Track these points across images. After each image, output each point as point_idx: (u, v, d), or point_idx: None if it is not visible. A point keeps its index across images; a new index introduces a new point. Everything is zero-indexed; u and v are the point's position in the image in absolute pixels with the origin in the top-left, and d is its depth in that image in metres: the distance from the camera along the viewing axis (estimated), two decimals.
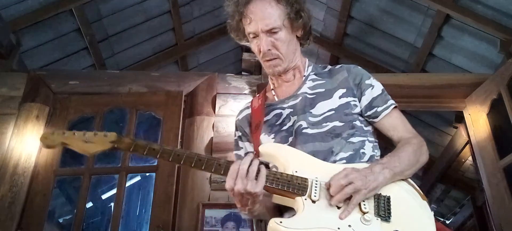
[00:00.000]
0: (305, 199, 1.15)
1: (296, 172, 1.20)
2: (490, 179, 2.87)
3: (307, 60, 1.52)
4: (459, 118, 3.94)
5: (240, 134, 1.52)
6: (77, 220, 2.69)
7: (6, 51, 3.21)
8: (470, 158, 4.58)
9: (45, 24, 3.63)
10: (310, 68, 1.49)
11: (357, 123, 1.35)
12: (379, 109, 1.37)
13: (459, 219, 5.92)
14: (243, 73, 3.58)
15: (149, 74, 3.28)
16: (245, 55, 3.66)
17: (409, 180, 1.26)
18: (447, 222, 6.45)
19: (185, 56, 5.07)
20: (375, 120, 1.38)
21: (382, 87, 1.42)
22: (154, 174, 2.80)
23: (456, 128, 4.32)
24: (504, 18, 3.24)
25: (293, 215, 1.16)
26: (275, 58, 1.40)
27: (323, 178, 1.19)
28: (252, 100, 1.55)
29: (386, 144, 1.46)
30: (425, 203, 1.20)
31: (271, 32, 1.37)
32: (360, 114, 1.38)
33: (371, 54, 4.48)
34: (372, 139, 1.36)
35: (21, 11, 3.41)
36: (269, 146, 1.33)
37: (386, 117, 1.37)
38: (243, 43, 1.50)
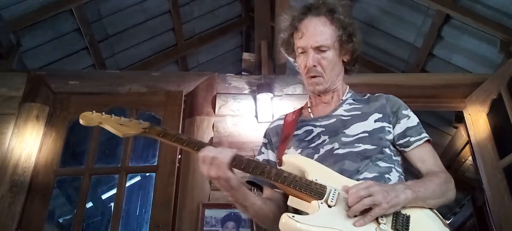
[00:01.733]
0: (321, 203, 1.14)
1: (316, 180, 1.20)
2: (490, 179, 2.87)
3: (348, 87, 1.52)
4: (459, 118, 3.95)
5: (266, 141, 1.52)
6: (77, 220, 2.69)
7: (6, 51, 3.22)
8: (470, 158, 4.58)
9: (45, 24, 3.63)
10: (349, 94, 1.49)
11: (387, 150, 1.33)
12: (412, 139, 1.36)
13: (459, 219, 5.92)
14: (243, 73, 3.58)
15: (149, 74, 3.28)
16: (245, 55, 3.66)
17: (434, 210, 1.21)
18: (447, 222, 6.44)
19: (185, 56, 5.07)
20: (406, 149, 1.36)
21: (418, 120, 1.42)
22: (154, 174, 2.80)
23: (456, 128, 4.32)
24: (504, 18, 3.24)
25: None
26: (318, 76, 1.40)
27: (343, 189, 1.17)
28: (287, 114, 1.55)
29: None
30: (447, 229, 1.17)
31: (319, 49, 1.38)
32: (392, 142, 1.37)
33: (371, 54, 4.48)
34: (399, 169, 1.34)
35: (21, 11, 3.41)
36: (292, 156, 1.33)
37: (417, 147, 1.36)
38: (291, 58, 1.52)
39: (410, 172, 1.40)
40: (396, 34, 4.10)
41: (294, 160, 1.30)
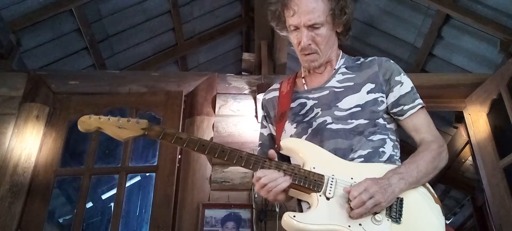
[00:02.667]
0: (320, 196, 1.19)
1: (313, 168, 1.24)
2: (490, 179, 2.87)
3: (341, 52, 1.50)
4: (459, 118, 3.94)
5: (265, 114, 1.54)
6: (77, 220, 2.69)
7: (6, 51, 3.21)
8: (470, 158, 4.58)
9: (45, 24, 3.63)
10: (342, 60, 1.48)
11: (381, 120, 1.34)
12: (406, 107, 1.36)
13: (459, 219, 5.92)
14: (243, 73, 3.58)
15: (149, 74, 3.28)
16: (245, 55, 3.66)
17: (426, 184, 1.26)
18: (447, 222, 6.44)
19: (185, 56, 5.07)
20: (400, 118, 1.37)
21: (411, 85, 1.41)
22: (154, 174, 2.80)
23: (456, 128, 4.32)
24: (504, 18, 3.24)
25: (307, 209, 1.23)
26: (313, 53, 1.40)
27: (340, 175, 1.22)
28: (281, 82, 1.55)
29: (406, 144, 1.46)
30: (438, 207, 1.20)
31: (313, 27, 1.36)
32: (386, 111, 1.38)
33: (371, 54, 4.45)
34: (393, 137, 1.36)
35: (21, 11, 3.41)
36: (289, 141, 1.36)
37: (411, 116, 1.36)
38: (282, 33, 1.50)
39: (406, 136, 1.42)
40: (396, 34, 4.10)
41: (291, 145, 1.33)
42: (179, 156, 2.87)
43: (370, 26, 4.21)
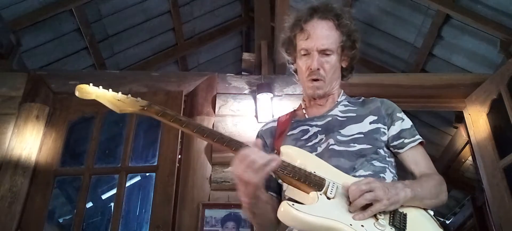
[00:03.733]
0: (320, 194, 1.13)
1: (314, 172, 1.19)
2: (490, 179, 2.87)
3: (342, 91, 1.52)
4: (459, 118, 3.95)
5: (263, 143, 1.48)
6: (77, 220, 2.69)
7: (6, 51, 3.21)
8: (470, 158, 4.58)
9: (45, 24, 3.63)
10: (344, 97, 1.49)
11: (382, 151, 1.34)
12: (406, 141, 1.37)
13: (459, 219, 5.92)
14: (243, 73, 3.58)
15: (149, 74, 3.28)
16: (245, 55, 3.65)
17: (428, 210, 1.23)
18: (447, 222, 6.44)
19: (185, 56, 5.07)
20: (400, 151, 1.37)
21: (412, 124, 1.42)
22: (154, 174, 2.80)
23: (456, 128, 4.33)
24: (504, 18, 3.24)
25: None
26: (320, 80, 1.39)
27: (341, 183, 1.18)
28: (279, 117, 1.54)
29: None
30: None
31: (324, 53, 1.38)
32: (386, 144, 1.38)
33: (371, 54, 4.48)
34: (393, 171, 1.35)
35: (21, 11, 3.41)
36: (290, 147, 1.31)
37: (411, 149, 1.36)
38: (289, 58, 1.50)
39: (403, 176, 1.40)
40: (396, 34, 4.10)
41: (291, 152, 1.28)
42: (179, 156, 2.87)
43: (370, 26, 4.21)
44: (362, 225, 1.08)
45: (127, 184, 3.15)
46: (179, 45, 4.80)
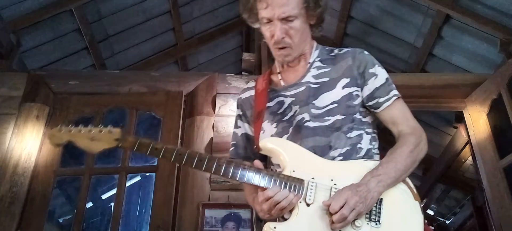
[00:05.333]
0: (300, 202, 1.18)
1: (293, 171, 1.22)
2: (490, 179, 2.87)
3: (315, 43, 1.49)
4: (459, 118, 3.94)
5: (241, 113, 1.53)
6: (77, 220, 2.69)
7: (6, 51, 3.22)
8: (470, 158, 4.58)
9: (45, 24, 3.63)
10: (317, 52, 1.46)
11: (357, 115, 1.34)
12: (381, 100, 1.35)
13: (459, 219, 5.92)
14: (243, 73, 3.59)
15: (149, 74, 3.28)
16: (245, 55, 3.66)
17: (406, 179, 1.26)
18: (447, 222, 6.45)
19: (185, 56, 5.08)
20: (376, 111, 1.37)
21: (386, 76, 1.39)
22: (154, 174, 2.80)
23: (456, 128, 4.32)
24: (504, 18, 3.24)
25: (288, 219, 1.20)
26: (287, 47, 1.37)
27: (320, 178, 1.21)
28: (257, 80, 1.53)
29: (385, 135, 1.46)
30: (417, 204, 1.21)
31: (286, 20, 1.34)
32: (362, 104, 1.37)
33: (371, 54, 4.48)
34: (369, 130, 1.36)
35: (21, 11, 3.41)
36: (269, 141, 1.33)
37: (387, 108, 1.35)
38: (254, 26, 1.47)
39: (384, 128, 1.42)
40: (396, 34, 4.10)
41: (270, 146, 1.29)
42: None
43: (370, 26, 4.21)
44: None
45: (127, 184, 3.16)
46: (179, 45, 4.80)
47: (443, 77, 3.29)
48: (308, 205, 1.17)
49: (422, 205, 1.23)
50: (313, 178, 1.20)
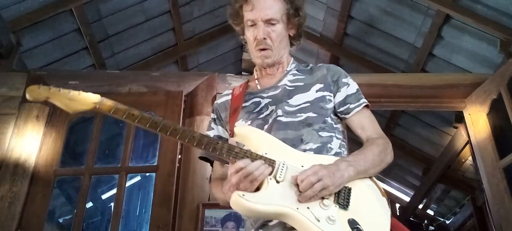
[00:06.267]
0: (270, 179, 1.19)
1: (266, 153, 1.24)
2: (490, 179, 2.87)
3: (292, 59, 1.58)
4: (459, 118, 3.94)
5: (215, 116, 1.56)
6: (77, 220, 2.69)
7: (6, 51, 3.22)
8: (470, 158, 4.58)
9: (45, 24, 3.63)
10: (293, 65, 1.56)
11: (328, 119, 1.39)
12: (351, 106, 1.43)
13: (459, 219, 5.92)
14: (243, 73, 3.59)
15: (149, 74, 3.28)
16: (245, 55, 3.67)
17: (373, 177, 1.30)
18: (447, 222, 6.45)
19: (185, 56, 5.07)
20: (346, 116, 1.43)
21: (357, 87, 1.48)
22: (154, 174, 2.80)
23: (456, 128, 4.32)
24: (504, 18, 3.24)
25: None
26: (267, 49, 1.45)
27: (291, 162, 1.24)
28: (233, 88, 1.59)
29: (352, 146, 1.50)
30: (384, 200, 1.25)
31: (269, 22, 1.44)
32: (333, 111, 1.43)
33: (371, 54, 4.48)
34: (340, 136, 1.41)
35: (21, 11, 3.41)
36: (243, 127, 1.37)
37: (356, 114, 1.43)
38: (238, 29, 1.58)
39: (352, 138, 1.48)
40: (396, 34, 4.10)
41: (244, 131, 1.34)
42: (179, 156, 2.87)
43: (370, 26, 4.21)
44: (307, 207, 1.14)
45: (127, 184, 3.16)
46: (179, 45, 4.80)
47: (443, 77, 3.29)
48: (278, 182, 1.18)
49: (388, 202, 1.26)
50: (284, 162, 1.22)
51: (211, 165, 1.53)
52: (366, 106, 1.45)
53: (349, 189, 1.21)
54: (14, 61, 3.28)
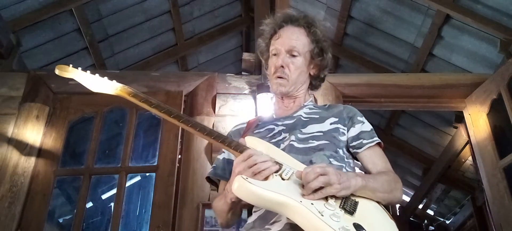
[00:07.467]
0: (275, 175, 1.16)
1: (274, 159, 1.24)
2: (490, 179, 2.87)
3: (312, 97, 1.60)
4: (459, 118, 3.95)
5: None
6: (77, 220, 2.69)
7: (6, 51, 3.21)
8: (470, 158, 4.58)
9: (45, 24, 3.63)
10: (311, 102, 1.57)
11: (340, 151, 1.38)
12: (365, 141, 1.42)
13: (459, 219, 5.93)
14: (243, 73, 3.58)
15: (149, 74, 3.28)
16: (245, 55, 3.65)
17: (380, 204, 1.25)
18: (447, 222, 6.45)
19: (185, 56, 5.08)
20: (358, 151, 1.42)
21: (371, 127, 1.48)
22: (154, 174, 2.80)
23: (456, 128, 4.33)
24: (504, 18, 3.24)
25: None
26: (283, 78, 1.47)
27: (299, 170, 1.21)
28: (249, 120, 1.60)
29: None
30: (393, 223, 1.19)
31: (291, 53, 1.48)
32: (346, 145, 1.43)
33: (371, 54, 4.49)
34: (350, 170, 1.38)
35: (21, 11, 3.41)
36: (253, 137, 1.37)
37: (368, 149, 1.41)
38: (264, 61, 1.61)
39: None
40: (396, 34, 4.10)
41: (254, 141, 1.34)
42: (179, 156, 2.87)
43: (370, 26, 4.21)
44: (311, 203, 1.10)
45: (127, 184, 3.15)
46: (179, 45, 4.80)
47: (443, 77, 3.29)
48: (283, 179, 1.16)
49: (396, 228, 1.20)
50: (291, 167, 1.21)
51: (216, 188, 1.51)
52: (379, 144, 1.44)
53: (357, 202, 1.17)
54: (14, 61, 3.28)
